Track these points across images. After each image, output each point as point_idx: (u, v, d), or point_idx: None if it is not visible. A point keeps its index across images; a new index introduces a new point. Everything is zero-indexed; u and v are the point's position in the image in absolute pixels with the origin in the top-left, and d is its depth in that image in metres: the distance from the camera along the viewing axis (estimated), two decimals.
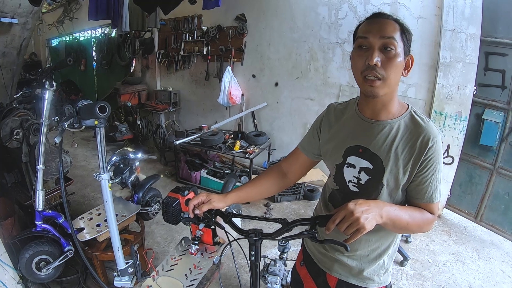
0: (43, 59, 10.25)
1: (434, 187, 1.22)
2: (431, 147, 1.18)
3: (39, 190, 2.48)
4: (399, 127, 1.23)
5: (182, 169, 5.32)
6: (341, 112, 1.41)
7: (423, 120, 1.23)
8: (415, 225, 1.22)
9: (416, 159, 1.19)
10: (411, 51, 1.19)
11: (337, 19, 4.67)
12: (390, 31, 1.12)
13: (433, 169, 1.20)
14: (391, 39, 1.12)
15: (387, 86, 1.15)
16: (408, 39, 1.17)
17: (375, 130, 1.26)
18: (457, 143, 4.07)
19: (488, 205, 3.98)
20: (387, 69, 1.12)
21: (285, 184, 1.63)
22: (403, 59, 1.15)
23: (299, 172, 1.60)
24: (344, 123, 1.37)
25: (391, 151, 1.22)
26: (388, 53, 1.12)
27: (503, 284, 3.20)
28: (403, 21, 1.18)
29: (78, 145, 7.03)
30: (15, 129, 2.81)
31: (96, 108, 1.59)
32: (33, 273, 2.63)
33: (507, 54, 3.62)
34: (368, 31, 1.15)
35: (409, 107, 1.28)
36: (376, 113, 1.26)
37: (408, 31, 1.17)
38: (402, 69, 1.17)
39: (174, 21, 6.30)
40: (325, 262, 1.47)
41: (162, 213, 1.93)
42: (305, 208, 4.62)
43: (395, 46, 1.12)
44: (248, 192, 1.56)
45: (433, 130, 1.20)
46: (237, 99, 5.63)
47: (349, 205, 1.06)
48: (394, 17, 1.17)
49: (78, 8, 8.50)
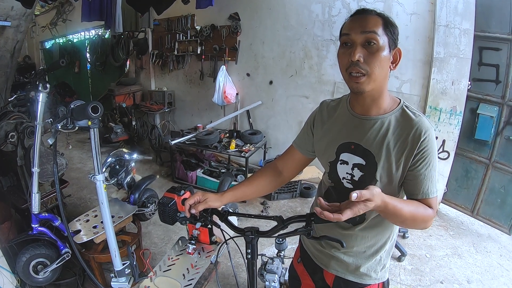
0: (37, 62, 10.17)
1: (430, 181, 1.21)
2: (423, 140, 1.17)
3: (34, 193, 2.47)
4: (390, 122, 1.23)
5: (178, 169, 5.31)
6: (333, 109, 1.41)
7: (414, 114, 1.22)
8: (414, 219, 1.16)
9: (409, 154, 1.19)
10: (398, 44, 1.19)
11: (330, 16, 4.67)
12: (371, 26, 1.13)
13: (427, 163, 1.19)
14: (372, 33, 1.12)
15: (372, 81, 1.15)
16: (393, 32, 1.16)
17: (366, 126, 1.26)
18: (453, 138, 4.08)
19: (484, 199, 4.00)
20: (370, 64, 1.12)
21: (280, 181, 1.63)
22: (388, 53, 1.15)
23: (294, 170, 1.61)
24: (336, 120, 1.37)
25: (383, 146, 1.21)
26: (370, 48, 1.12)
27: (501, 278, 3.22)
28: (387, 14, 1.18)
29: (74, 147, 7.00)
30: (9, 132, 2.80)
31: (89, 109, 1.58)
32: (30, 277, 2.62)
33: (501, 48, 3.64)
34: (350, 27, 1.16)
35: (401, 102, 1.27)
36: (366, 109, 1.26)
37: (392, 24, 1.17)
38: (388, 63, 1.17)
39: (168, 21, 6.28)
40: (321, 258, 1.47)
41: (159, 214, 1.92)
42: (301, 205, 4.63)
43: (377, 40, 1.12)
44: (244, 191, 1.57)
45: (425, 123, 1.19)
46: (232, 98, 5.61)
47: (375, 190, 1.01)
48: (377, 11, 1.17)
49: (71, 10, 8.43)
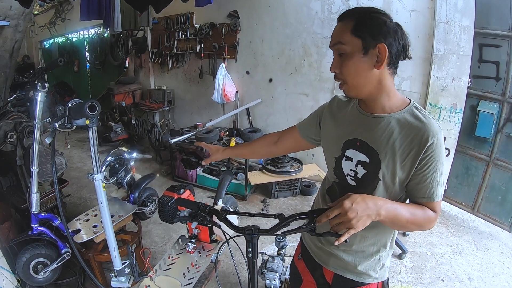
0: (36, 61, 10.16)
1: (436, 185, 1.19)
2: (431, 144, 1.14)
3: (34, 193, 2.47)
4: (397, 122, 1.20)
5: (178, 168, 5.31)
6: (344, 105, 1.41)
7: (424, 116, 1.19)
8: (416, 224, 1.20)
9: (415, 156, 1.16)
10: (382, 41, 1.11)
11: (330, 13, 4.65)
12: (337, 36, 1.17)
13: (434, 167, 1.17)
14: (338, 44, 1.17)
15: (353, 88, 1.20)
16: (369, 31, 1.11)
17: (372, 124, 1.25)
18: (453, 135, 4.07)
19: (485, 196, 3.99)
20: (344, 73, 1.18)
21: (273, 151, 1.78)
22: (363, 55, 1.13)
23: (288, 146, 1.71)
24: (345, 116, 1.37)
25: (388, 145, 1.20)
26: (342, 57, 1.17)
27: (502, 275, 3.22)
28: (368, 9, 1.16)
29: (73, 146, 6.99)
30: (9, 132, 2.79)
31: (86, 107, 1.57)
32: (31, 277, 2.63)
33: (501, 45, 3.62)
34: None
35: (411, 102, 1.24)
36: (371, 107, 1.26)
37: (368, 19, 1.13)
38: (367, 65, 1.14)
39: (167, 19, 6.26)
40: (321, 255, 1.47)
41: (158, 212, 1.92)
42: (302, 203, 4.62)
43: (343, 49, 1.15)
44: (241, 151, 2.01)
45: (434, 127, 1.16)
46: (231, 96, 5.61)
47: (345, 204, 1.06)
48: (352, 11, 1.17)
49: (69, 9, 8.42)
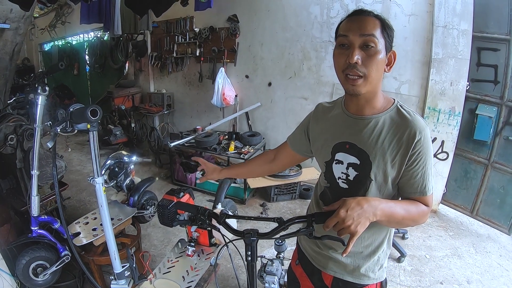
0: (36, 64, 10.18)
1: (426, 180, 1.22)
2: (419, 140, 1.17)
3: (34, 196, 2.48)
4: (384, 122, 1.23)
5: (177, 171, 5.31)
6: (328, 110, 1.43)
7: (409, 113, 1.22)
8: (411, 219, 1.23)
9: (404, 153, 1.19)
10: (393, 47, 1.19)
11: (329, 17, 4.68)
12: (370, 29, 1.12)
13: (423, 162, 1.20)
14: (371, 36, 1.11)
15: (369, 84, 1.15)
16: (390, 35, 1.16)
17: (360, 125, 1.26)
18: (451, 139, 4.09)
19: (483, 199, 4.00)
20: (368, 67, 1.12)
21: (271, 169, 1.77)
22: (384, 56, 1.15)
23: (285, 163, 1.73)
24: (331, 121, 1.38)
25: (377, 145, 1.22)
26: (368, 50, 1.12)
27: (501, 278, 3.22)
28: (384, 17, 1.18)
29: (73, 149, 6.99)
30: (9, 135, 2.80)
31: (88, 112, 1.58)
32: (30, 279, 2.62)
33: (499, 49, 3.65)
34: (348, 29, 1.15)
35: (395, 102, 1.27)
36: (360, 109, 1.27)
37: (389, 27, 1.17)
38: (383, 65, 1.17)
39: (167, 23, 6.29)
40: (319, 260, 1.47)
41: (158, 216, 1.93)
42: (301, 207, 4.63)
43: (375, 43, 1.11)
44: (238, 170, 1.95)
45: (420, 123, 1.19)
46: (230, 100, 5.63)
47: (341, 213, 1.06)
48: (375, 13, 1.17)
49: (70, 12, 8.44)
